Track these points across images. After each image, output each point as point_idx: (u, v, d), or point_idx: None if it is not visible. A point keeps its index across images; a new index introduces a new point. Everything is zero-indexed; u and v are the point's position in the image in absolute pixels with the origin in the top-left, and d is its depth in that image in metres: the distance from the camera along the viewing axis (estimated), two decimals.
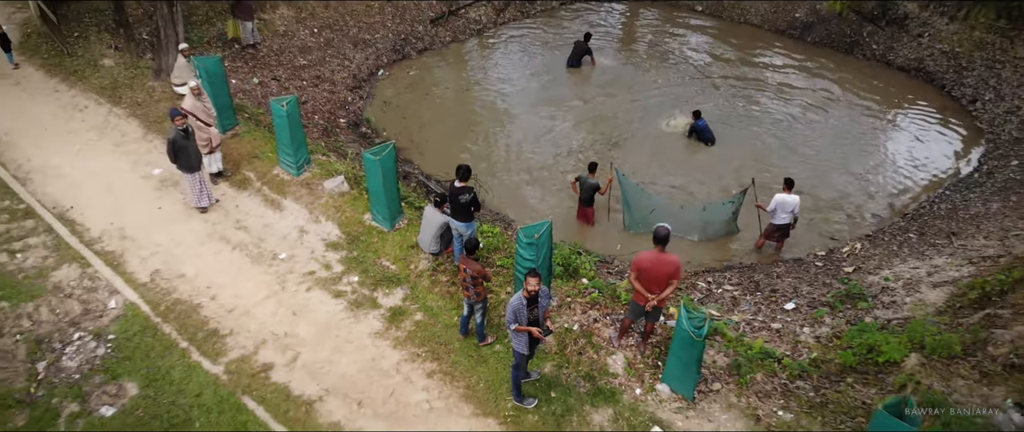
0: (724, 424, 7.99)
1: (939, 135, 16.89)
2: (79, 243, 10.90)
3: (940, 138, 16.76)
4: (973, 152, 16.46)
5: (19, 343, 9.46)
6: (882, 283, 11.71)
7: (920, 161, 15.83)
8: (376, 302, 9.86)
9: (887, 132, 16.75)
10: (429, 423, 8.23)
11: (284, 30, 18.36)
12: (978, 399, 8.29)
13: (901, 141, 16.40)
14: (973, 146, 16.63)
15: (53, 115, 13.95)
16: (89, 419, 8.41)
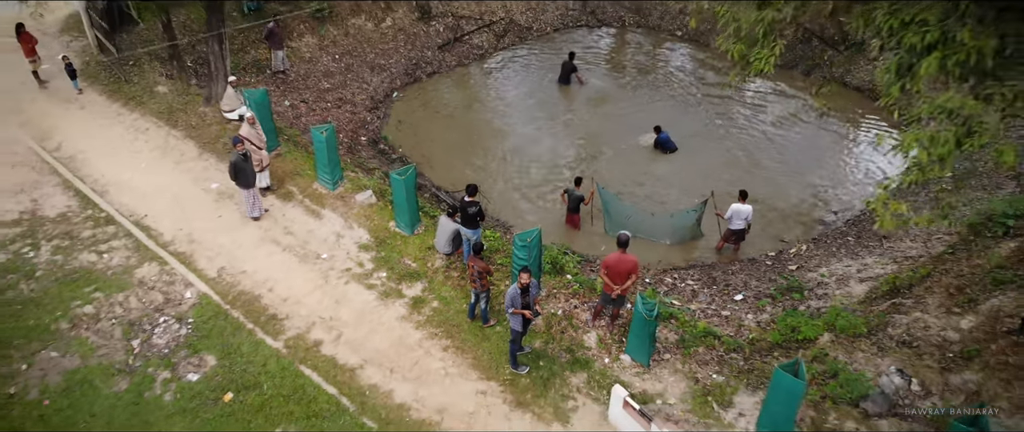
0: (671, 384, 10.40)
1: (887, 148, 19.23)
2: (155, 245, 13.32)
3: (888, 152, 19.08)
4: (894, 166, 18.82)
5: (115, 326, 11.87)
6: (819, 278, 14.08)
7: (870, 172, 18.18)
8: (401, 293, 12.27)
9: (843, 147, 19.06)
10: (445, 385, 10.63)
11: (309, 57, 20.77)
12: (872, 367, 10.68)
13: (854, 155, 18.72)
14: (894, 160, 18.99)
15: (119, 136, 16.37)
16: (179, 383, 10.82)
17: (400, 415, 10.28)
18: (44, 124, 16.85)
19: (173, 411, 10.45)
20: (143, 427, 10.26)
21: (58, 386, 10.94)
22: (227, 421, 10.24)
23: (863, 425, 9.57)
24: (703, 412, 10.02)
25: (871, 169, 18.22)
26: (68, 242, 13.50)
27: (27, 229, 13.88)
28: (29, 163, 15.67)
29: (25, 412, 10.58)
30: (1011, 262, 12.53)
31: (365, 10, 22.31)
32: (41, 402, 10.70)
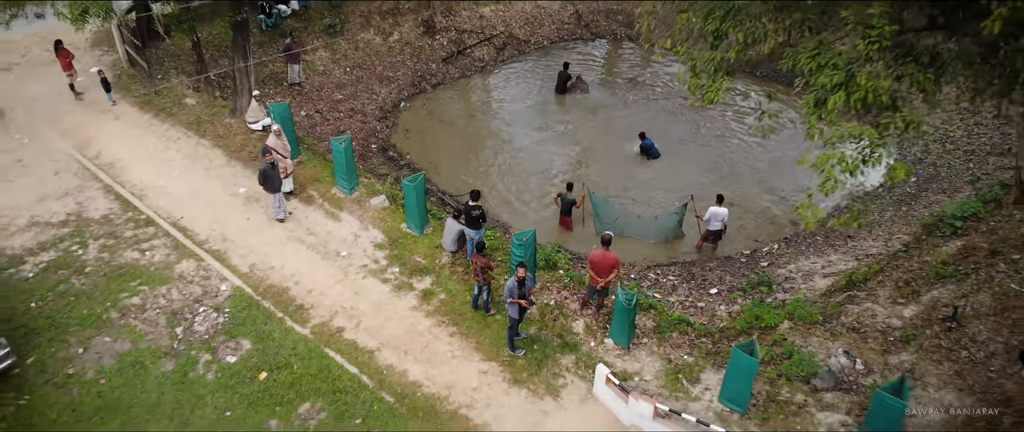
0: (647, 364, 11.97)
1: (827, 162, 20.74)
2: (192, 244, 14.90)
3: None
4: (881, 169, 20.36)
5: (159, 315, 13.44)
6: (787, 274, 15.64)
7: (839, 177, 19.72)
8: (412, 286, 13.85)
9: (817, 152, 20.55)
10: (452, 365, 12.21)
11: (323, 69, 22.35)
12: (824, 350, 12.24)
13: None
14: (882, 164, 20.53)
15: (152, 145, 17.95)
16: (220, 364, 12.39)
17: (413, 391, 11.85)
18: (83, 133, 18.43)
19: (215, 388, 12.02)
20: (190, 403, 11.83)
21: (112, 367, 12.50)
22: (263, 396, 11.81)
23: (811, 398, 11.14)
24: (674, 387, 11.60)
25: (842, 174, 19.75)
26: (112, 241, 15.08)
27: (74, 229, 15.45)
28: (71, 170, 17.25)
29: (84, 389, 12.14)
30: (955, 259, 14.12)
31: (374, 25, 23.89)
32: (98, 381, 12.26)
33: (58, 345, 12.89)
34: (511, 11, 26.02)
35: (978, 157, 19.60)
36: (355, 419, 11.43)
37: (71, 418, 11.70)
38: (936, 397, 10.94)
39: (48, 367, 12.52)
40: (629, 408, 10.99)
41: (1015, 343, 11.73)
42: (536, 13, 26.34)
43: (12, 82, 20.62)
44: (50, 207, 16.07)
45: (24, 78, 20.79)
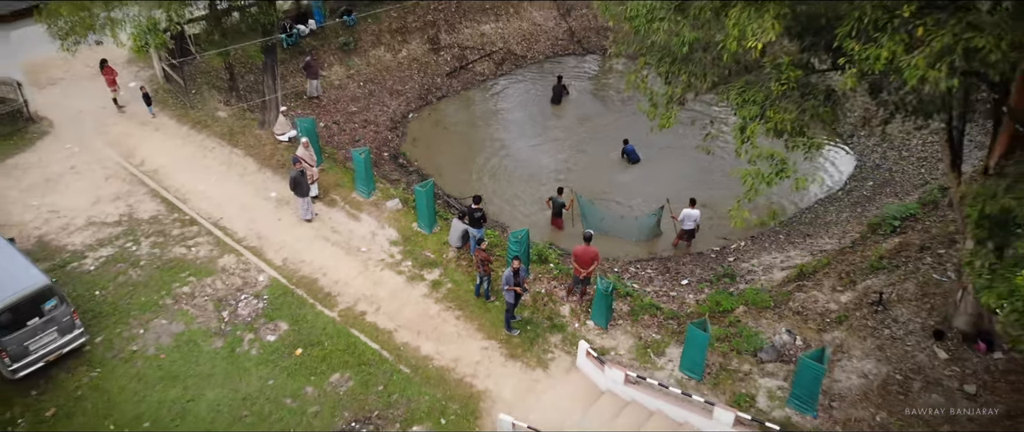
0: (621, 341, 14.26)
1: (824, 161, 22.96)
2: (232, 241, 17.18)
3: (824, 164, 22.80)
4: (843, 174, 22.60)
5: (207, 301, 15.71)
6: (750, 268, 17.90)
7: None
8: (423, 277, 16.13)
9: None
10: (458, 343, 14.48)
11: (338, 84, 24.63)
12: (771, 330, 14.50)
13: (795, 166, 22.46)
14: (845, 170, 22.77)
15: (191, 154, 20.23)
16: (261, 342, 14.65)
17: (425, 363, 14.13)
18: (127, 143, 20.70)
19: (258, 361, 14.30)
20: (238, 374, 14.10)
21: (169, 345, 14.77)
22: (299, 368, 14.09)
23: (755, 367, 13.42)
24: (643, 359, 13.88)
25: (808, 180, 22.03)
26: (162, 239, 17.35)
27: (127, 228, 17.73)
28: (120, 176, 19.52)
29: (146, 363, 14.41)
30: (890, 253, 16.42)
31: (384, 43, 26.18)
32: (158, 356, 14.53)
33: (122, 327, 15.16)
34: (509, 29, 28.31)
35: (930, 163, 21.86)
36: (378, 386, 13.71)
37: (138, 386, 13.97)
38: (858, 366, 13.23)
39: (114, 345, 14.79)
40: (605, 376, 13.26)
41: (931, 323, 14.04)
42: (532, 30, 28.63)
43: (59, 96, 22.88)
44: (104, 209, 18.34)
45: (69, 92, 23.05)
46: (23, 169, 19.81)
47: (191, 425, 13.26)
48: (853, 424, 12.18)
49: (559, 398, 13.42)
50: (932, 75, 7.09)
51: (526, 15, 28.93)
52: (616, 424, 12.62)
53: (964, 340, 13.39)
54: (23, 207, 18.46)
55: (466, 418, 13.16)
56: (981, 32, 6.87)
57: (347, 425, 13.08)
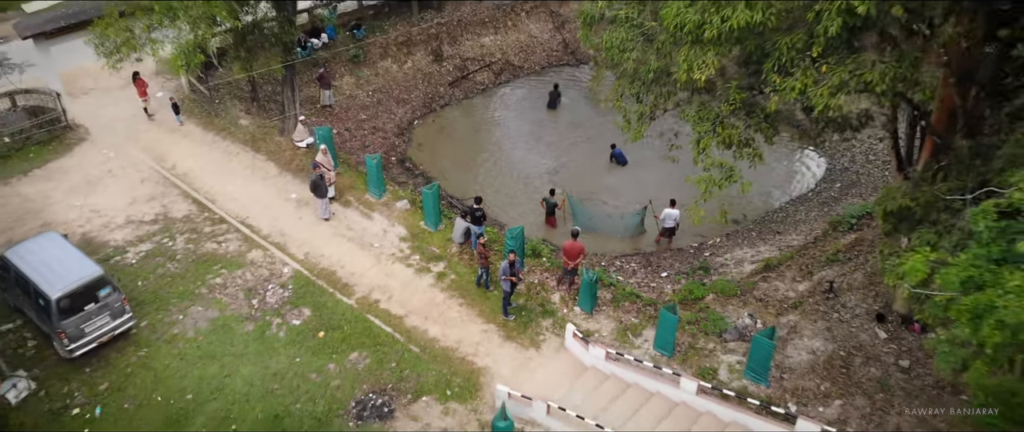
0: (604, 324, 16.26)
1: (798, 164, 24.94)
2: (258, 237, 19.18)
3: (798, 167, 24.77)
4: (815, 177, 24.60)
5: (239, 290, 17.70)
6: (723, 261, 19.86)
7: (777, 183, 23.94)
8: (429, 269, 18.13)
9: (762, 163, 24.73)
10: (461, 326, 16.47)
11: (349, 93, 26.63)
12: (736, 314, 16.50)
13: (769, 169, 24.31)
14: (817, 173, 24.75)
15: (217, 158, 22.23)
16: (288, 326, 16.65)
17: (432, 344, 16.13)
18: (158, 149, 22.71)
19: (286, 343, 16.30)
20: (268, 353, 16.10)
21: (206, 328, 16.76)
22: (322, 348, 16.09)
23: (719, 346, 15.43)
24: (623, 340, 15.90)
25: (780, 181, 24.06)
26: (195, 235, 19.36)
27: (163, 226, 19.73)
28: (154, 179, 21.53)
29: (187, 344, 16.40)
30: (846, 248, 18.42)
31: (391, 55, 28.18)
32: (197, 338, 16.52)
33: (163, 313, 17.16)
34: (507, 40, 30.31)
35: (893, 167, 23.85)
36: (391, 363, 15.72)
37: (180, 364, 15.97)
38: (808, 344, 15.23)
39: (157, 329, 16.79)
40: (589, 354, 15.26)
41: (875, 308, 16.05)
42: (528, 42, 30.63)
43: (92, 105, 24.89)
44: (141, 208, 20.34)
45: (101, 101, 25.06)
46: (64, 172, 21.82)
47: (228, 397, 15.25)
48: (800, 393, 14.19)
49: (549, 373, 15.42)
50: (833, 102, 9.07)
51: (523, 28, 30.93)
52: (598, 394, 14.61)
53: (902, 322, 15.40)
54: (67, 207, 20.46)
55: (468, 390, 15.16)
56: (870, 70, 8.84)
57: (365, 396, 15.07)
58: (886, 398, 13.90)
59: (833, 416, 13.65)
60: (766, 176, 23.98)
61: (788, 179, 24.23)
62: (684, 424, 13.61)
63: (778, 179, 24.09)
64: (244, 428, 14.64)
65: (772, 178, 24.02)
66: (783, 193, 23.64)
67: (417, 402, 14.92)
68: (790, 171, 24.50)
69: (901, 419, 13.55)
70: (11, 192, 21.11)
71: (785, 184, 24.04)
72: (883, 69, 8.75)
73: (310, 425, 14.58)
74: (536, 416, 14.19)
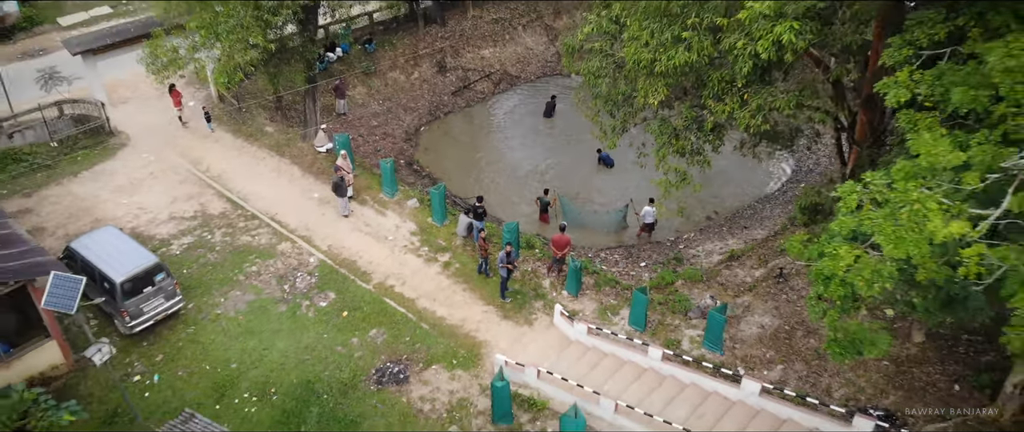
0: (587, 305, 18.99)
1: (770, 166, 27.62)
2: (286, 231, 21.90)
3: (771, 169, 27.45)
4: (783, 178, 27.34)
5: (272, 277, 20.42)
6: (695, 253, 22.58)
7: (750, 182, 26.67)
8: (437, 259, 20.85)
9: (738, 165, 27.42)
10: (465, 308, 19.20)
11: (361, 102, 29.37)
12: (699, 296, 19.22)
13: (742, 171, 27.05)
14: (785, 174, 27.50)
15: (247, 162, 24.95)
16: (316, 307, 19.37)
17: (441, 322, 18.86)
18: (193, 153, 25.44)
19: (315, 321, 19.01)
20: (299, 329, 18.80)
21: (245, 309, 19.47)
22: (346, 325, 18.80)
23: (684, 322, 18.17)
24: (603, 318, 18.63)
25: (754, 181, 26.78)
26: (231, 230, 22.07)
27: (202, 222, 22.45)
28: (191, 180, 24.25)
29: (229, 323, 19.10)
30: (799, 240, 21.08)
31: (399, 67, 30.92)
32: (237, 318, 19.23)
33: (207, 296, 19.87)
34: (505, 53, 33.05)
35: None
36: (405, 337, 18.44)
37: (224, 339, 18.67)
38: (758, 320, 17.96)
39: (202, 310, 19.49)
40: (574, 329, 17.98)
41: None
42: (525, 54, 33.38)
43: (131, 113, 27.62)
44: (182, 206, 23.06)
45: (139, 109, 27.79)
46: (110, 174, 24.55)
47: (267, 366, 17.96)
48: (749, 359, 16.92)
49: (540, 346, 18.13)
50: (753, 122, 11.77)
51: (520, 41, 33.69)
52: (581, 363, 17.33)
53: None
54: (115, 205, 23.17)
55: (471, 360, 17.88)
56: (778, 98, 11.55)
57: (383, 364, 17.79)
58: (820, 363, 16.63)
59: (775, 378, 16.38)
60: (740, 177, 26.78)
61: (759, 180, 26.95)
62: (651, 385, 16.33)
63: (751, 180, 26.81)
64: (281, 391, 17.33)
65: (745, 179, 26.78)
66: (754, 192, 26.36)
67: (428, 369, 17.63)
68: (763, 172, 27.19)
69: (832, 380, 16.28)
70: (64, 192, 23.83)
71: (756, 184, 26.76)
72: (788, 97, 11.45)
73: (338, 389, 17.29)
74: (528, 380, 16.90)
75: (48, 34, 33.73)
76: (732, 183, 26.45)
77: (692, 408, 15.56)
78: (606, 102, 15.49)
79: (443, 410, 16.69)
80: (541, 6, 34.60)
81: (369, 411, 16.71)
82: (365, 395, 17.08)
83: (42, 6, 35.74)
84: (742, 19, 10.28)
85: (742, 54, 10.69)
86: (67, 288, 14.49)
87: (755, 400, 15.37)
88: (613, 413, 15.50)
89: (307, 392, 17.22)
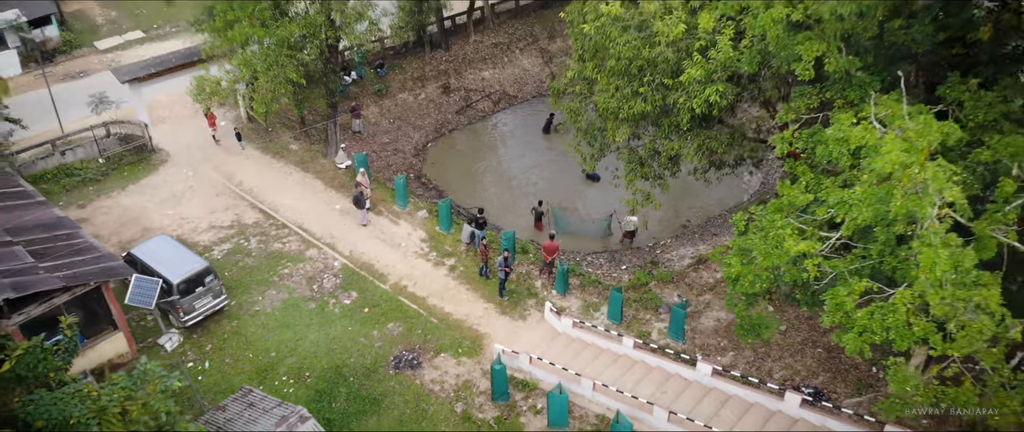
0: (573, 302, 22.28)
1: (748, 176, 30.83)
2: (313, 239, 25.19)
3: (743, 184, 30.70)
4: (752, 190, 30.59)
5: (302, 279, 23.70)
6: (669, 257, 25.86)
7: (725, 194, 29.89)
8: (444, 263, 24.14)
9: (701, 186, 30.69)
10: (468, 305, 22.48)
11: (374, 121, 32.65)
12: (668, 295, 22.49)
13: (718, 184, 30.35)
14: (753, 187, 30.75)
15: (275, 177, 28.24)
16: (341, 304, 22.65)
17: (447, 317, 22.13)
18: (227, 169, 28.73)
19: (341, 316, 22.29)
20: (327, 323, 22.08)
21: (280, 306, 22.74)
22: (368, 320, 22.08)
23: (654, 317, 21.44)
24: (586, 314, 21.92)
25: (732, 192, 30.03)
26: (264, 237, 25.36)
27: (238, 230, 25.73)
28: (226, 193, 27.53)
29: (267, 317, 22.37)
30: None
31: (408, 88, 34.21)
32: (274, 313, 22.49)
33: (246, 295, 23.15)
34: (504, 74, 36.34)
35: None
36: (417, 330, 21.72)
37: (263, 331, 21.94)
38: (715, 315, 21.23)
39: (243, 307, 22.77)
40: (561, 323, 21.25)
41: None
42: (521, 75, 36.67)
43: (169, 132, 30.91)
44: (220, 216, 26.35)
45: (176, 129, 31.08)
46: (154, 187, 27.84)
47: (301, 354, 21.23)
48: (706, 347, 20.20)
49: (532, 337, 21.39)
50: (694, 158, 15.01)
51: (517, 63, 36.98)
52: (566, 351, 20.59)
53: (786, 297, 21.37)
54: (160, 215, 26.46)
55: (474, 348, 21.15)
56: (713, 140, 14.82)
57: (400, 353, 21.06)
58: (765, 351, 19.91)
59: (726, 362, 19.66)
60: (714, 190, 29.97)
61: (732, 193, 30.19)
62: (624, 369, 19.59)
63: (725, 192, 30.06)
64: (314, 375, 20.60)
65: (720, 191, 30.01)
66: (728, 202, 29.61)
67: (437, 357, 20.90)
68: (735, 186, 30.42)
69: (774, 365, 19.56)
70: (113, 203, 27.13)
71: (730, 196, 30.02)
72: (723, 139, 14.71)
73: (362, 373, 20.56)
74: (522, 365, 20.15)
75: (87, 57, 37.06)
76: (704, 195, 29.65)
77: (657, 386, 18.83)
78: (585, 134, 18.79)
79: (450, 390, 19.96)
80: (536, 30, 37.89)
81: (388, 391, 19.99)
82: (385, 378, 20.35)
83: (79, 29, 39.07)
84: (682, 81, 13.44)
85: (682, 108, 13.87)
86: (146, 288, 17.82)
87: (708, 380, 18.64)
88: (592, 391, 18.76)
89: (336, 375, 20.48)
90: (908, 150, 9.36)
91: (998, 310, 9.20)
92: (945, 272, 9.18)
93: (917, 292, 9.64)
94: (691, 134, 14.94)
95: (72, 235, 21.51)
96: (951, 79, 11.86)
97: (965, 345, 9.29)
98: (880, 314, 10.11)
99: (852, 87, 12.01)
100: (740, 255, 12.87)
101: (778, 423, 17.44)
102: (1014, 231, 10.23)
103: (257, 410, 15.81)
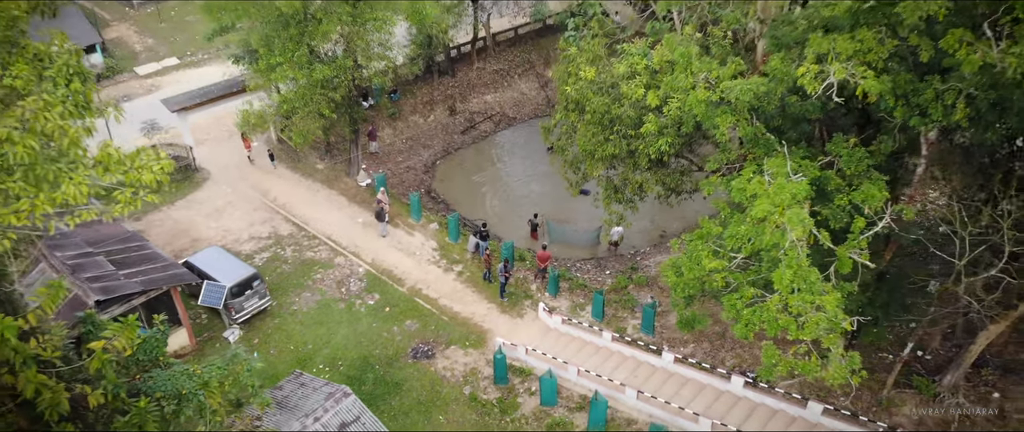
0: (563, 303, 26.38)
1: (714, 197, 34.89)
2: (340, 248, 29.30)
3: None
4: None
5: (332, 282, 27.80)
6: (648, 264, 29.95)
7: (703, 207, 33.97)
8: (452, 269, 28.24)
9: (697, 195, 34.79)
10: (474, 304, 26.57)
11: (389, 141, 36.76)
12: (643, 296, 26.58)
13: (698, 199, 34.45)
14: None
15: (304, 193, 32.36)
16: (366, 304, 26.76)
17: (456, 315, 26.24)
18: (262, 186, 32.85)
19: (366, 314, 26.39)
20: (355, 321, 26.18)
21: (314, 307, 26.85)
22: (390, 317, 26.18)
23: (630, 315, 25.54)
24: (574, 312, 26.03)
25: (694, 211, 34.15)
26: (298, 247, 29.47)
27: (275, 241, 29.85)
28: (262, 207, 31.65)
29: (303, 316, 26.47)
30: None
31: (418, 111, 38.32)
32: (309, 312, 26.60)
33: (285, 297, 27.26)
34: (504, 97, 40.45)
35: None
36: (431, 326, 25.83)
37: (301, 328, 26.04)
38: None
39: (283, 306, 26.88)
40: (552, 321, 25.36)
41: None
42: (520, 98, 40.78)
43: (208, 153, 35.02)
44: (258, 229, 30.47)
45: (214, 150, 35.20)
46: (200, 203, 31.96)
47: (334, 346, 25.33)
48: (672, 340, 24.29)
49: (529, 333, 25.49)
50: (654, 189, 19.06)
51: (515, 87, 41.09)
52: (557, 344, 24.69)
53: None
54: (206, 228, 30.58)
55: (479, 342, 25.25)
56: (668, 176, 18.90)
57: (417, 345, 25.15)
58: (721, 343, 24.01)
59: (687, 352, 23.76)
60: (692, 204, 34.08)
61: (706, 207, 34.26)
62: (604, 358, 23.69)
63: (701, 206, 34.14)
64: (346, 364, 24.70)
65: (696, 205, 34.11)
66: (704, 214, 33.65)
67: (448, 349, 25.01)
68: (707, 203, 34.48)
69: (727, 355, 23.66)
70: (165, 217, 31.24)
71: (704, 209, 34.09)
72: (675, 176, 18.79)
73: (385, 362, 24.66)
74: (519, 355, 24.23)
75: (128, 82, 41.19)
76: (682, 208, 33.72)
77: (630, 371, 22.93)
78: (570, 165, 22.91)
79: (460, 376, 24.06)
80: (533, 57, 41.98)
81: (408, 377, 24.09)
82: (404, 366, 24.46)
83: (120, 56, 43.21)
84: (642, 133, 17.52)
85: (642, 154, 17.92)
86: (215, 291, 21.90)
87: (671, 366, 22.73)
88: (577, 375, 22.86)
89: (364, 364, 24.58)
90: (773, 203, 13.46)
91: (833, 309, 13.24)
92: (794, 283, 13.28)
93: (783, 296, 13.69)
94: (650, 171, 19.03)
95: (142, 246, 25.64)
96: (836, 139, 15.86)
97: (810, 332, 13.33)
98: (759, 312, 14.19)
99: (759, 146, 16.01)
100: (674, 269, 16.92)
101: (725, 401, 21.54)
102: (866, 253, 14.27)
103: (308, 388, 19.88)
